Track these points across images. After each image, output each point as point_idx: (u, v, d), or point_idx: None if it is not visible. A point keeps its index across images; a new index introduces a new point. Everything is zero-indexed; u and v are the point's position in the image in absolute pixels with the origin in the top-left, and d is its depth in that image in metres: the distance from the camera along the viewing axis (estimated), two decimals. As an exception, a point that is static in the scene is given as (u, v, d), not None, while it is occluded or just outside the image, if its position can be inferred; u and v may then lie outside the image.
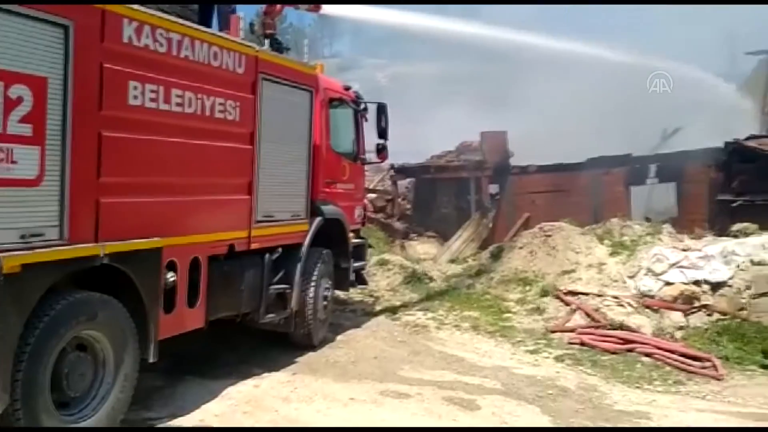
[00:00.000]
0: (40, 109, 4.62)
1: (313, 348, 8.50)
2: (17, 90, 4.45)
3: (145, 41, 5.54)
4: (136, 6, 5.44)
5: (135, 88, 5.46)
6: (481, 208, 19.36)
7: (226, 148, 6.66)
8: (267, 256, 7.52)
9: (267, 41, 7.51)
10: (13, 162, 4.46)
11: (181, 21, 6.00)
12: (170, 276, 5.93)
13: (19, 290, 4.49)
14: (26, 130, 4.54)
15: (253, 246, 7.22)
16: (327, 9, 10.10)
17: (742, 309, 10.26)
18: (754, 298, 10.41)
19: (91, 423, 5.25)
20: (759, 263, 10.85)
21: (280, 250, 7.72)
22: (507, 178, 19.32)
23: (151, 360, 5.73)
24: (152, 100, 5.64)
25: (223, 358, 7.77)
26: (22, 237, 4.56)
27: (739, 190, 15.08)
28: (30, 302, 4.61)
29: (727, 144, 15.63)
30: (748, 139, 15.95)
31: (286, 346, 8.35)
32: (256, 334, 8.20)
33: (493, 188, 19.79)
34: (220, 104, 6.47)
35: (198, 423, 5.97)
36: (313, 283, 8.41)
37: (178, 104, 5.93)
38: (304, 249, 8.15)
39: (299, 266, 8.05)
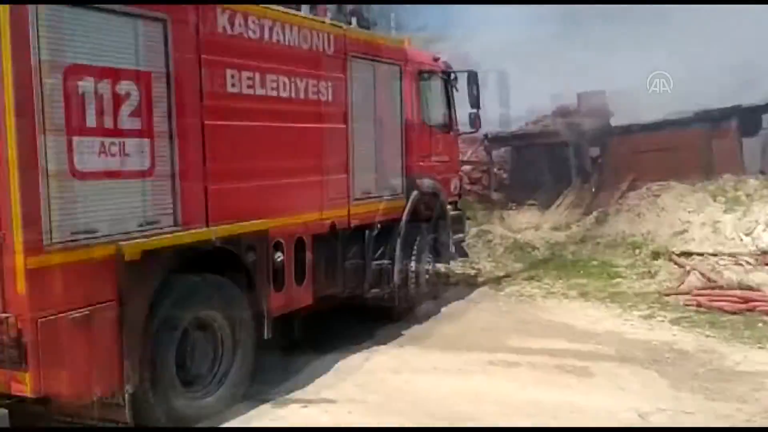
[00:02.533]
0: (147, 103, 4.85)
1: (418, 321, 8.58)
2: (125, 86, 4.69)
3: (239, 29, 5.70)
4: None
5: (232, 76, 5.63)
6: (582, 173, 18.80)
7: (321, 129, 6.78)
8: (367, 232, 7.64)
9: (354, 19, 7.54)
10: (126, 155, 4.71)
11: (271, 6, 6.11)
12: (278, 256, 6.12)
13: (141, 276, 4.76)
14: (136, 123, 4.78)
15: (353, 223, 7.34)
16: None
17: None
18: None
19: (214, 399, 5.53)
20: None
21: (379, 226, 7.81)
22: (608, 139, 18.61)
23: (265, 337, 5.95)
24: (249, 86, 5.81)
25: (333, 334, 7.96)
26: (140, 225, 4.82)
27: None
28: (151, 287, 4.88)
29: None
30: None
31: (391, 320, 8.45)
32: (362, 309, 8.35)
33: (594, 151, 19.14)
34: (313, 86, 6.58)
35: (313, 396, 6.15)
36: (413, 258, 8.47)
37: (273, 89, 6.08)
38: (402, 224, 8.21)
39: (399, 241, 8.13)
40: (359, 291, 7.66)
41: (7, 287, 4.17)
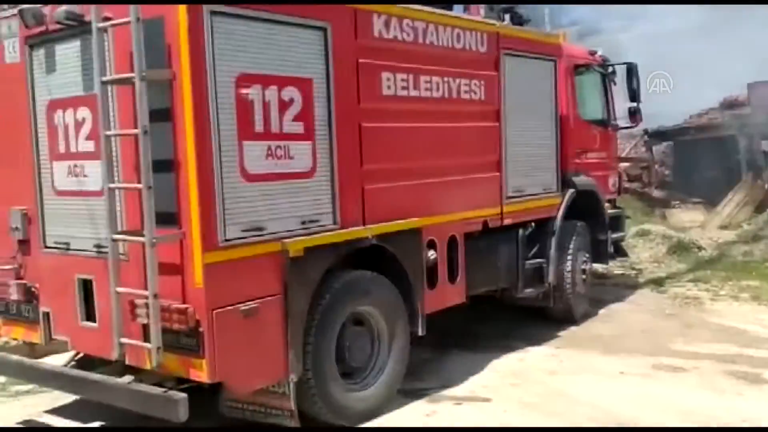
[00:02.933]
0: (308, 108, 5.10)
1: (574, 322, 8.36)
2: (288, 92, 4.96)
3: (394, 33, 5.83)
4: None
5: (387, 79, 5.79)
6: (754, 168, 17.45)
7: (473, 127, 6.79)
8: (520, 231, 7.55)
9: (507, 16, 7.48)
10: (290, 157, 4.98)
11: (425, 8, 6.21)
12: (431, 254, 6.20)
13: (304, 271, 5.01)
14: (298, 128, 5.04)
15: (506, 222, 7.27)
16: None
17: None
18: None
19: (372, 391, 5.70)
20: None
21: (533, 224, 7.70)
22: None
23: (420, 333, 6.06)
24: (403, 88, 5.94)
25: (486, 333, 7.95)
26: (303, 224, 5.08)
27: None
28: (313, 282, 5.12)
29: None
30: None
31: (546, 321, 8.31)
32: (516, 309, 8.27)
33: (766, 144, 17.69)
34: (465, 85, 6.60)
35: (468, 394, 6.18)
36: (569, 257, 8.25)
37: (426, 89, 6.17)
38: (557, 222, 8.02)
39: (553, 240, 7.95)
40: (513, 290, 7.58)
41: (186, 281, 4.54)
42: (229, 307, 4.59)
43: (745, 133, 17.59)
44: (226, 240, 4.58)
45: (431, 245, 6.24)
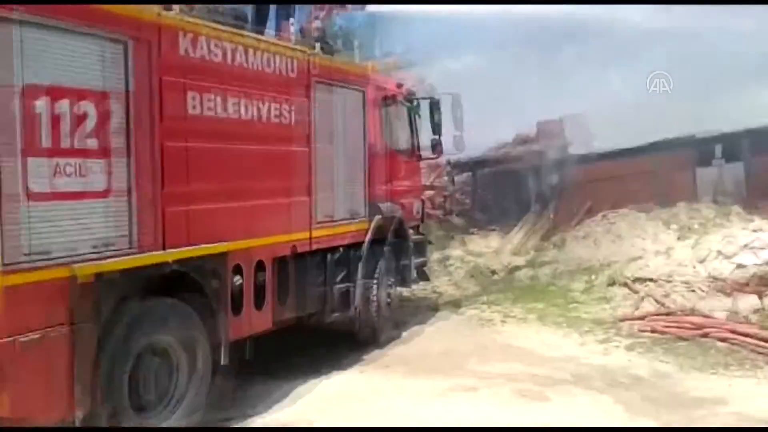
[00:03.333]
0: (104, 123, 4.81)
1: (379, 345, 8.56)
2: (83, 106, 4.64)
3: (201, 52, 5.69)
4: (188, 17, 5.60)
5: (194, 98, 5.62)
6: (541, 200, 19.08)
7: (283, 151, 6.79)
8: (329, 256, 7.62)
9: (318, 44, 7.60)
10: (82, 176, 4.65)
11: (234, 30, 6.13)
12: (237, 279, 6.07)
13: (94, 299, 4.67)
14: (92, 144, 4.73)
15: (315, 247, 7.32)
16: (374, 6, 10.19)
17: (820, 288, 9.84)
18: (833, 277, 9.98)
19: (168, 425, 5.41)
20: (838, 240, 10.40)
21: (341, 249, 7.81)
22: (566, 167, 18.96)
23: (222, 362, 5.87)
24: (210, 109, 5.80)
25: (293, 359, 7.89)
26: (95, 247, 4.74)
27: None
28: (105, 310, 4.78)
29: (797, 119, 14.97)
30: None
31: (352, 344, 8.42)
32: (323, 334, 8.31)
33: (553, 178, 19.45)
34: (276, 109, 6.59)
35: (270, 422, 6.08)
36: (375, 281, 8.47)
37: (235, 111, 6.07)
38: (364, 247, 8.21)
39: (361, 265, 8.13)
40: (321, 315, 7.62)
41: (-44, 309, 4.06)
42: (7, 339, 4.15)
43: (534, 167, 19.21)
44: (5, 264, 4.16)
45: (237, 270, 6.10)
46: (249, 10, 7.30)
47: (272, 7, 7.86)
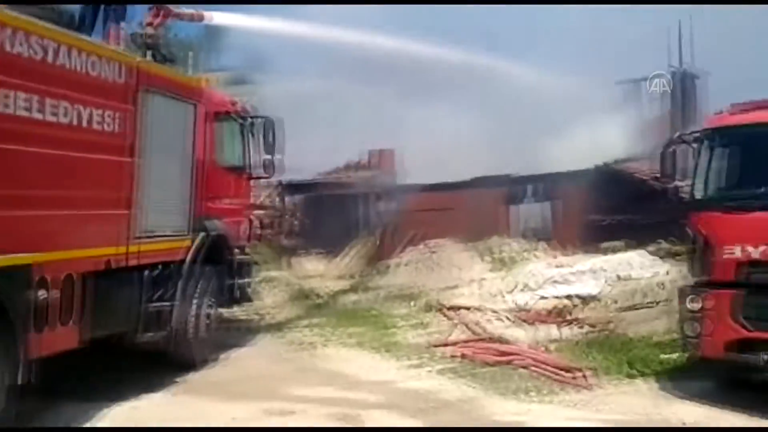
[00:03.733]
0: None
1: (194, 368, 8.29)
2: None
3: (18, 48, 5.29)
4: (8, 11, 5.20)
5: (6, 96, 5.20)
6: (369, 226, 19.60)
7: (103, 160, 6.45)
8: (147, 272, 7.30)
9: (149, 52, 7.33)
10: None
11: (58, 28, 5.77)
12: (41, 293, 5.63)
13: None
14: None
15: (132, 262, 6.99)
16: (211, 18, 10.04)
17: (609, 322, 10.92)
18: (620, 312, 11.13)
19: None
20: (624, 279, 11.64)
21: (160, 266, 7.51)
22: (394, 195, 19.68)
23: (20, 382, 5.41)
24: (24, 108, 5.39)
25: (100, 380, 7.42)
26: None
27: (607, 210, 16.05)
28: None
29: (597, 166, 16.65)
30: (617, 162, 17.07)
31: (166, 366, 8.08)
32: (135, 354, 7.90)
33: (381, 206, 20.08)
34: (98, 115, 6.26)
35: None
36: (195, 301, 8.22)
37: (53, 114, 5.70)
38: (186, 266, 7.96)
39: (180, 283, 7.86)
40: (133, 335, 7.25)
41: None
42: None
43: (364, 194, 19.72)
44: None
45: (43, 284, 5.67)
46: (77, 10, 6.91)
47: (102, 10, 7.49)
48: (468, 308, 11.29)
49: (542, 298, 11.30)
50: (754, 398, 7.39)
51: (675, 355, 9.84)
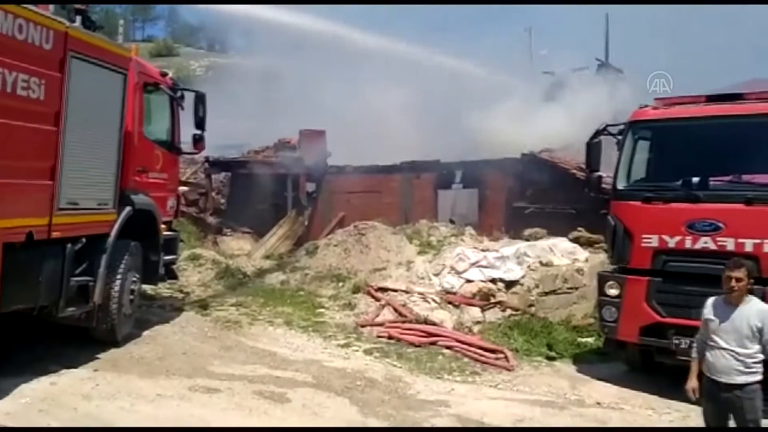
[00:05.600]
0: None
1: (116, 344, 8.09)
2: None
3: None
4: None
5: None
6: (298, 206, 19.49)
7: (26, 128, 6.20)
8: (69, 245, 7.07)
9: (78, 18, 7.06)
10: None
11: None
12: (-45, 264, 5.40)
13: None
14: None
15: (54, 235, 6.76)
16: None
17: (531, 305, 11.30)
18: (541, 296, 11.53)
19: None
20: (546, 264, 12.04)
21: (84, 240, 7.29)
22: (324, 176, 19.64)
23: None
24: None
25: (17, 355, 7.19)
26: None
27: (531, 198, 16.48)
28: None
29: (523, 155, 17.03)
30: (542, 152, 17.49)
31: (87, 341, 7.89)
32: (55, 328, 7.67)
33: (310, 186, 19.98)
34: (23, 80, 6.01)
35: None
36: (119, 276, 8.01)
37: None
38: (110, 240, 7.75)
39: (104, 258, 7.64)
40: (53, 309, 7.02)
41: None
42: None
43: (293, 174, 19.56)
44: None
45: (-43, 254, 5.43)
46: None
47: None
48: (395, 290, 11.42)
49: (468, 281, 11.54)
50: (663, 381, 7.84)
51: (592, 339, 10.32)
